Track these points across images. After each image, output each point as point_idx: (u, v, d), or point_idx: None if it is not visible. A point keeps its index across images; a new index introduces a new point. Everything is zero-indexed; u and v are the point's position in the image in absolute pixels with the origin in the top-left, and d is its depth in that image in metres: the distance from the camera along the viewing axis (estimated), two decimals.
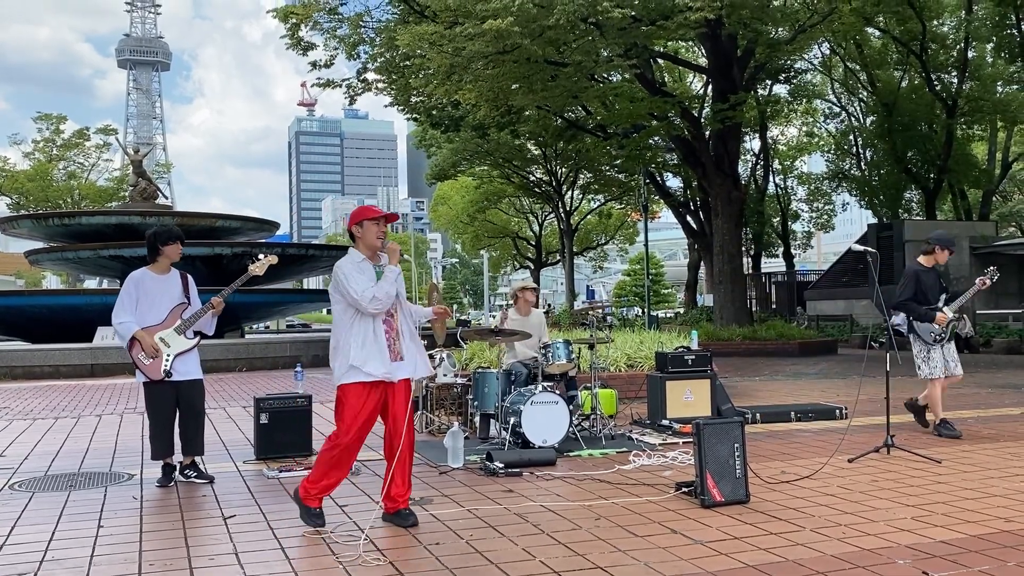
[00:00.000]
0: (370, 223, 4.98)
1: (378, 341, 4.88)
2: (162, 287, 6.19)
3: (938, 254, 8.22)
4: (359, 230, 5.01)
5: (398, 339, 5.01)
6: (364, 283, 4.84)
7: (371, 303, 4.81)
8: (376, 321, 4.91)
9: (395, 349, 4.97)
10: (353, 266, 4.93)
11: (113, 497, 5.87)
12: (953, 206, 36.49)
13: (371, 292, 4.81)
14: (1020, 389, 12.24)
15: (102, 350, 17.45)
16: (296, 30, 24.66)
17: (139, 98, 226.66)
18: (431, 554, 4.38)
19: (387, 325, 4.98)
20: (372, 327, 4.90)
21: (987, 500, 5.33)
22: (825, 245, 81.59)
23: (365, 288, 4.82)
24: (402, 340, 5.03)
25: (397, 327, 5.03)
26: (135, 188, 25.71)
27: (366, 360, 4.83)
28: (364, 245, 5.00)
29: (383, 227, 5.01)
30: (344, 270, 4.89)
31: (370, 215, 5.00)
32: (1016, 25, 28.82)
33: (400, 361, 4.98)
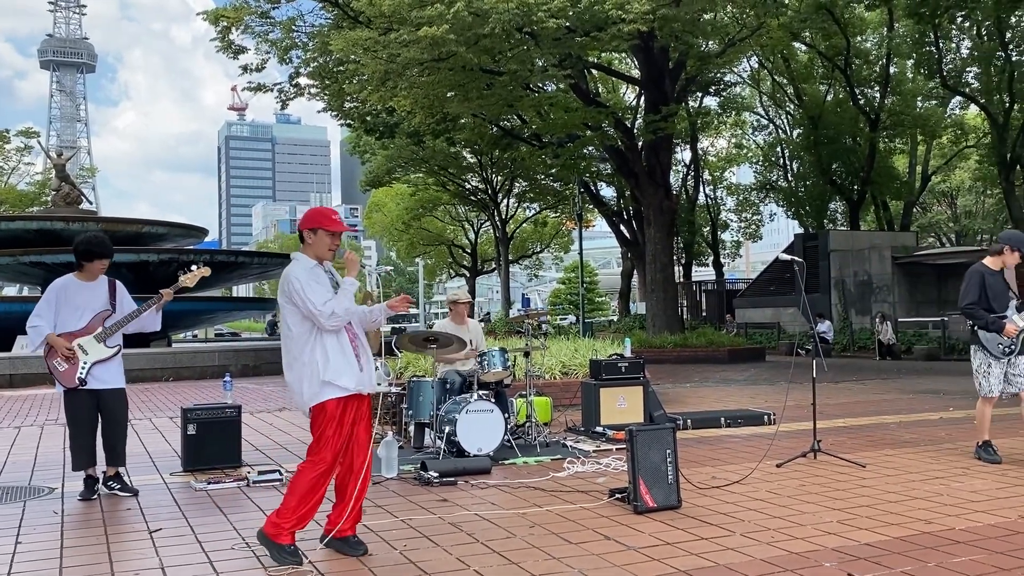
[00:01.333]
0: (325, 234, 4.55)
1: (347, 353, 4.52)
2: (87, 294, 6.02)
3: (1007, 256, 7.34)
4: (312, 237, 4.56)
5: (362, 350, 4.67)
6: (322, 294, 4.43)
7: (330, 319, 4.41)
8: (341, 331, 4.54)
9: (361, 360, 4.62)
10: (307, 273, 4.49)
11: (32, 512, 5.67)
12: (876, 217, 37.62)
13: (331, 306, 4.41)
14: (939, 395, 12.65)
15: (21, 359, 16.87)
16: (227, 33, 24.27)
17: (62, 100, 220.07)
18: (364, 565, 4.33)
19: (350, 334, 4.61)
20: (337, 338, 4.52)
21: (909, 503, 5.49)
22: (753, 254, 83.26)
23: (325, 301, 4.40)
24: (364, 350, 4.70)
25: (359, 336, 4.69)
26: (58, 193, 24.95)
27: (339, 373, 4.46)
28: (313, 253, 4.57)
29: (337, 241, 4.62)
30: (300, 278, 4.43)
31: (329, 227, 4.56)
32: (934, 43, 29.91)
33: (364, 373, 4.62)
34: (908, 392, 13.07)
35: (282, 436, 9.03)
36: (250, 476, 6.46)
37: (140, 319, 6.08)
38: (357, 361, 4.58)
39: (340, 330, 4.53)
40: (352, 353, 4.56)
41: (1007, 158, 30.08)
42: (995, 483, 6.05)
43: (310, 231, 4.57)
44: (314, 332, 4.48)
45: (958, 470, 6.55)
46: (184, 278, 6.16)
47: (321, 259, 4.59)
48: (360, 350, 4.64)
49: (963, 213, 48.71)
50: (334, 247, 4.62)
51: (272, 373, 19.50)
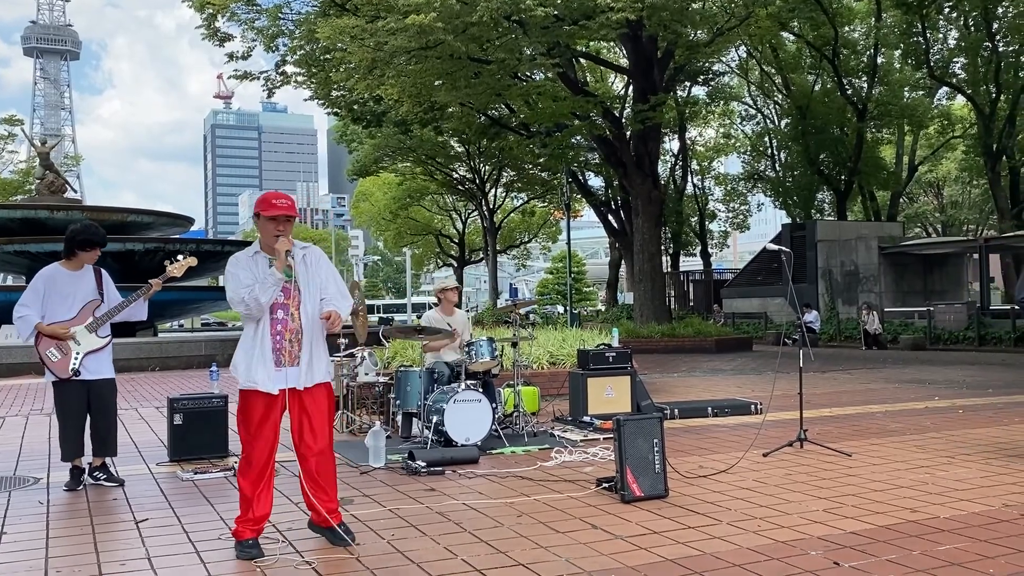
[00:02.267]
0: (265, 220, 4.38)
1: (262, 344, 4.33)
2: (75, 283, 5.97)
3: None
4: (256, 221, 4.46)
5: (296, 342, 4.40)
6: (240, 282, 4.32)
7: (239, 305, 4.31)
8: (261, 322, 4.36)
9: (289, 353, 4.37)
10: (242, 260, 4.41)
11: (17, 502, 5.64)
12: (863, 207, 37.78)
13: (242, 293, 4.28)
14: (925, 384, 12.73)
15: (6, 349, 16.76)
16: (213, 20, 24.10)
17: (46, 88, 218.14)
18: (351, 555, 4.32)
19: (276, 326, 4.38)
20: (256, 329, 4.37)
21: (895, 492, 5.52)
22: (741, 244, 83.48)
23: (237, 288, 4.30)
24: (302, 343, 4.41)
25: (297, 327, 4.41)
26: (42, 181, 24.73)
27: (240, 365, 4.36)
28: (262, 240, 4.46)
29: (281, 225, 4.37)
30: (231, 264, 4.40)
31: (265, 211, 4.38)
32: (921, 33, 30.01)
33: (295, 367, 4.38)
34: (894, 382, 13.14)
35: None
36: (236, 466, 6.43)
37: (128, 308, 6.04)
38: (281, 354, 4.35)
39: (261, 321, 4.36)
40: (270, 346, 4.34)
41: (993, 149, 30.26)
42: (979, 472, 6.09)
43: (255, 217, 4.46)
44: (245, 319, 4.42)
45: (943, 459, 6.60)
46: (171, 268, 6.11)
47: (271, 246, 4.39)
48: (294, 343, 4.39)
49: (949, 203, 48.96)
50: (278, 232, 4.36)
51: None
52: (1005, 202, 31.32)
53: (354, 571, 4.07)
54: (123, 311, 6.01)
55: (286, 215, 4.39)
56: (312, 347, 4.43)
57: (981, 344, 21.99)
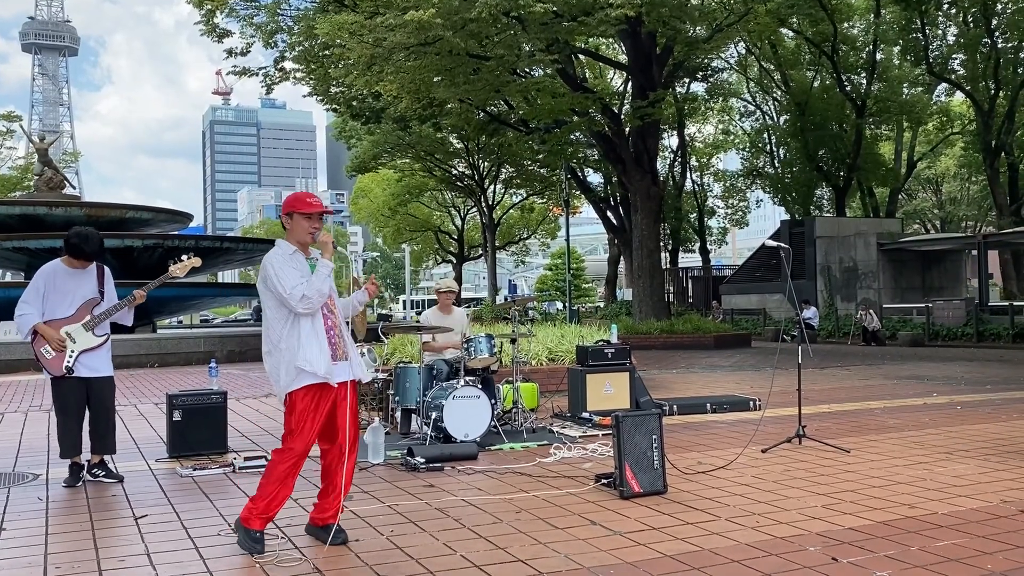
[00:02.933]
0: (301, 217, 4.50)
1: (320, 339, 4.44)
2: (75, 281, 5.97)
3: None
4: (288, 221, 4.55)
5: (341, 337, 4.59)
6: (295, 278, 4.39)
7: (301, 302, 4.35)
8: (316, 318, 4.46)
9: (339, 348, 4.54)
10: (283, 259, 4.45)
11: (16, 498, 5.64)
12: (862, 203, 37.80)
13: (301, 290, 4.35)
14: (923, 380, 12.74)
15: (5, 345, 16.75)
16: (211, 16, 24.09)
17: (45, 84, 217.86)
18: (351, 551, 4.33)
19: (328, 322, 4.53)
20: (312, 324, 4.44)
21: (893, 488, 5.53)
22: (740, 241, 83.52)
23: (296, 284, 4.35)
24: (344, 339, 4.62)
25: (339, 325, 4.61)
26: (40, 177, 24.70)
27: (311, 360, 4.38)
28: (294, 238, 4.54)
29: (316, 223, 4.51)
30: (274, 264, 4.40)
31: (302, 209, 4.51)
32: (921, 30, 30.00)
33: (345, 361, 4.55)
34: (892, 378, 13.15)
35: (268, 422, 9.02)
36: (236, 462, 6.45)
37: (118, 313, 6.04)
38: (333, 350, 4.49)
39: (315, 317, 4.45)
40: (326, 341, 4.47)
41: (992, 145, 30.26)
42: (977, 468, 6.10)
43: (287, 216, 4.55)
44: (290, 318, 4.42)
45: (941, 455, 6.61)
46: (174, 268, 6.11)
47: (303, 244, 4.53)
48: (338, 339, 4.56)
49: (948, 200, 48.99)
50: (313, 229, 4.51)
51: (258, 359, 19.44)
52: (1004, 198, 31.34)
53: (353, 567, 4.08)
54: (110, 317, 6.01)
55: (321, 212, 4.54)
56: (349, 343, 4.67)
57: (979, 340, 22.01)
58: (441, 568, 4.02)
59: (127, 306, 6.02)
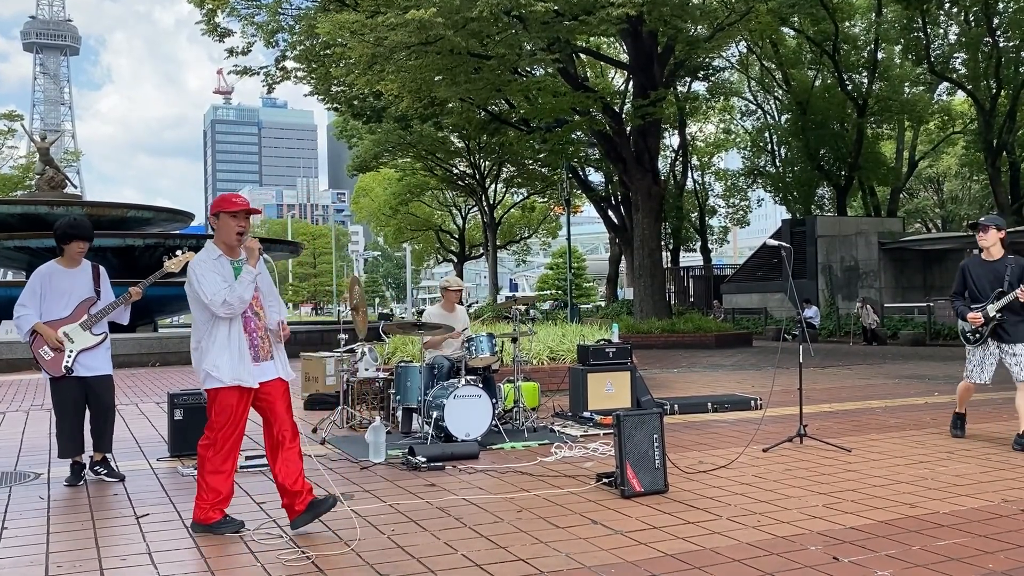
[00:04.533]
0: (227, 216, 4.56)
1: (238, 343, 4.54)
2: (71, 281, 5.96)
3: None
4: (216, 222, 4.60)
5: (266, 338, 4.70)
6: (217, 284, 4.48)
7: (222, 307, 4.46)
8: (234, 323, 4.56)
9: (263, 348, 4.67)
10: (207, 264, 4.54)
11: (18, 497, 5.64)
12: (863, 202, 37.76)
13: (222, 295, 4.45)
14: (925, 380, 12.74)
15: (6, 344, 16.77)
16: (213, 15, 24.10)
17: (46, 83, 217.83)
18: (352, 550, 4.33)
19: (250, 323, 4.62)
20: (229, 331, 4.55)
21: (894, 487, 5.53)
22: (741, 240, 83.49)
23: (217, 290, 4.46)
24: (269, 339, 4.72)
25: (261, 326, 4.69)
26: (42, 177, 24.73)
27: (223, 365, 4.51)
28: (220, 240, 4.61)
29: (243, 222, 4.58)
30: (197, 270, 4.51)
31: (227, 208, 4.56)
32: (922, 28, 29.96)
33: (269, 361, 4.69)
34: (894, 377, 13.15)
35: None
36: (237, 461, 6.44)
37: (112, 312, 6.05)
38: (255, 352, 4.63)
39: (234, 322, 4.56)
40: (247, 344, 4.59)
41: (993, 144, 30.23)
42: (979, 467, 6.10)
43: (215, 217, 4.61)
44: (211, 322, 4.56)
45: (943, 454, 6.61)
46: (169, 263, 6.10)
47: (230, 246, 4.62)
48: (262, 340, 4.68)
49: (949, 199, 48.95)
50: (240, 228, 4.59)
51: None
52: (1005, 197, 31.30)
53: (354, 566, 4.08)
54: (107, 315, 6.02)
55: (247, 210, 4.60)
56: (275, 343, 4.77)
57: None
58: (442, 567, 4.02)
59: (123, 303, 6.03)
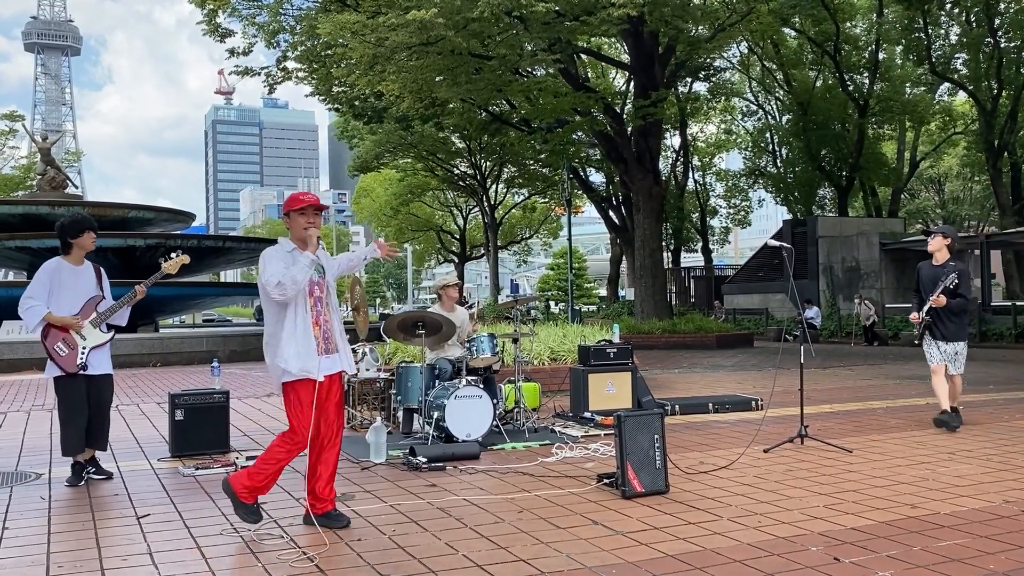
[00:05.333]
0: (296, 215, 4.74)
1: (305, 335, 4.62)
2: (78, 279, 6.01)
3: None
4: (288, 221, 4.80)
5: (332, 332, 4.80)
6: (278, 269, 4.58)
7: (276, 288, 4.53)
8: (299, 313, 4.64)
9: (329, 341, 4.76)
10: (276, 254, 4.69)
11: (19, 497, 5.64)
12: (864, 203, 37.75)
13: (277, 277, 4.53)
14: (926, 380, 12.70)
15: (8, 344, 16.76)
16: (214, 16, 24.11)
17: (47, 83, 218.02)
18: (352, 550, 4.33)
19: (320, 316, 4.74)
20: (295, 322, 4.63)
21: (895, 487, 5.52)
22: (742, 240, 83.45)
23: (274, 272, 4.56)
24: (335, 333, 4.81)
25: (330, 319, 4.81)
26: (43, 177, 24.77)
27: (290, 357, 4.59)
28: (293, 236, 4.79)
29: (311, 218, 4.74)
30: (264, 257, 4.66)
31: (294, 206, 4.74)
32: (923, 29, 29.95)
33: (335, 354, 4.79)
34: (895, 378, 13.14)
35: (270, 421, 9.02)
36: (238, 461, 6.45)
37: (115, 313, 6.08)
38: (322, 343, 4.70)
39: (299, 314, 4.65)
40: (312, 336, 4.66)
41: (994, 144, 30.21)
42: (980, 468, 6.10)
43: (286, 216, 4.83)
44: (279, 315, 4.66)
45: (944, 455, 6.60)
46: (165, 266, 6.13)
47: (302, 241, 4.72)
48: (330, 333, 4.78)
49: (950, 199, 48.92)
50: (309, 224, 4.73)
51: (259, 359, 19.46)
52: (1006, 198, 31.29)
53: (355, 566, 4.08)
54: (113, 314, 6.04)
55: (314, 206, 4.76)
56: (342, 337, 4.88)
57: (982, 340, 21.97)
58: (443, 567, 4.02)
59: (127, 303, 6.05)
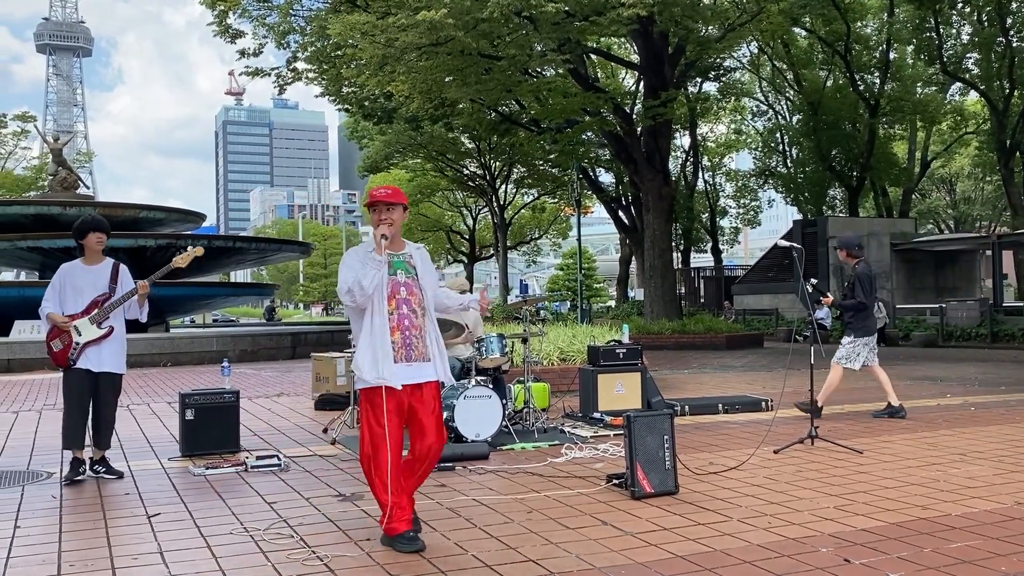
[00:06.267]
0: (372, 212, 4.45)
1: (381, 341, 4.27)
2: (89, 278, 6.10)
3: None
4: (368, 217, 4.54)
5: (421, 337, 4.40)
6: (353, 272, 4.30)
7: (346, 295, 4.30)
8: (376, 317, 4.30)
9: (413, 348, 4.36)
10: (354, 256, 4.41)
11: (31, 496, 5.67)
12: (875, 203, 37.61)
13: (346, 285, 4.28)
14: (937, 381, 12.67)
15: (20, 344, 16.86)
16: (224, 17, 24.18)
17: (59, 84, 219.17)
18: (362, 550, 4.33)
19: (403, 321, 4.36)
20: (372, 327, 4.30)
21: (906, 489, 5.50)
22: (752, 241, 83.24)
23: (345, 278, 4.30)
24: (425, 340, 4.43)
25: (419, 324, 4.41)
26: (55, 177, 24.90)
27: (364, 364, 4.29)
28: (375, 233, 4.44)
29: (382, 214, 4.38)
30: (343, 259, 4.43)
31: (368, 202, 4.45)
32: (935, 28, 29.81)
33: (422, 362, 4.39)
34: (906, 379, 13.08)
35: (281, 421, 9.04)
36: (248, 461, 6.47)
37: (128, 304, 6.13)
38: (408, 349, 4.35)
39: (377, 318, 4.30)
40: (389, 342, 4.30)
41: (1006, 144, 30.04)
42: (991, 469, 6.06)
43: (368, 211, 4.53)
44: (359, 319, 4.39)
45: (955, 456, 6.57)
46: (177, 258, 6.18)
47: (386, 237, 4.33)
48: (419, 339, 4.40)
49: (962, 199, 48.71)
50: (379, 220, 4.39)
51: (270, 359, 19.51)
52: (1018, 198, 31.10)
53: (365, 566, 4.08)
54: (120, 306, 6.10)
55: (384, 202, 4.39)
56: (438, 344, 4.50)
57: (994, 341, 21.86)
58: (452, 568, 4.02)
59: (131, 297, 6.10)
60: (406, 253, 4.51)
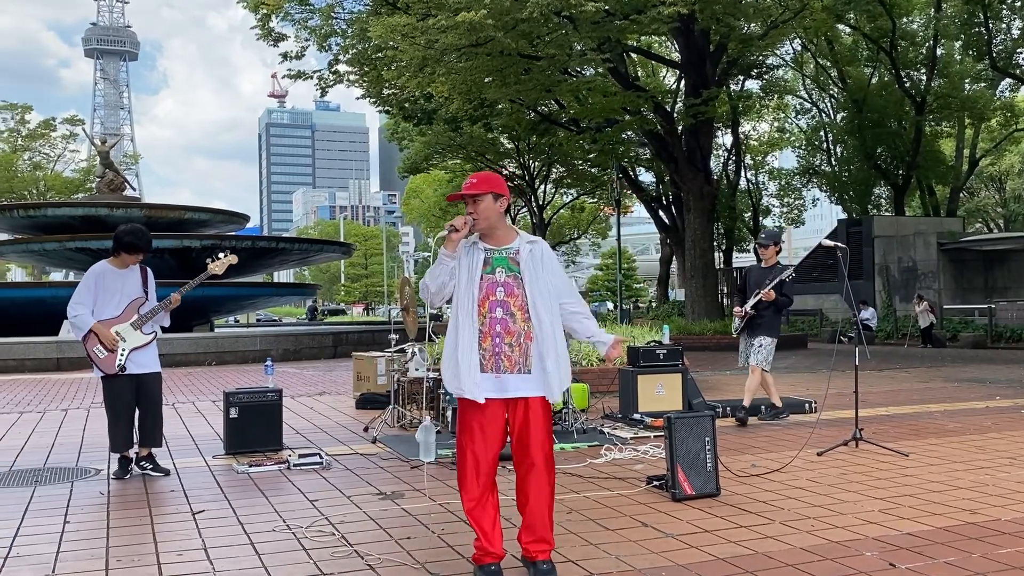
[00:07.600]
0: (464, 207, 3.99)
1: (460, 352, 3.80)
2: (121, 281, 6.17)
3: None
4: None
5: (518, 346, 3.82)
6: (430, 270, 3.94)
7: (422, 293, 3.96)
8: (463, 322, 3.81)
9: (509, 358, 3.80)
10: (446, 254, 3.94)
11: (79, 492, 5.79)
12: (921, 202, 36.96)
13: (423, 281, 3.93)
14: (985, 384, 12.41)
15: (68, 343, 17.21)
16: (267, 20, 24.45)
17: (106, 88, 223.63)
18: (402, 548, 4.36)
19: (495, 326, 3.82)
20: (457, 334, 3.84)
21: (953, 493, 5.40)
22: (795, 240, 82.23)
23: (424, 277, 3.96)
24: (529, 348, 3.84)
25: (518, 330, 3.82)
26: (102, 179, 25.40)
27: (447, 373, 3.89)
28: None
29: (470, 207, 3.90)
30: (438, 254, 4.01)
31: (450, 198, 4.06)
32: (984, 23, 29.19)
33: (517, 374, 3.81)
34: (953, 381, 12.84)
35: (322, 420, 9.13)
36: (291, 459, 6.54)
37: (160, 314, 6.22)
38: (497, 358, 3.81)
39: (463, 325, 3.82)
40: (474, 351, 3.80)
41: None
42: None
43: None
44: (454, 323, 3.91)
45: (1004, 460, 6.43)
46: (212, 266, 6.27)
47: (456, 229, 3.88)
48: (509, 349, 3.82)
49: (1012, 197, 47.65)
50: (468, 214, 3.91)
51: (312, 358, 19.71)
52: None
53: (404, 564, 4.11)
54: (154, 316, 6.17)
55: (469, 194, 3.91)
56: (544, 354, 3.84)
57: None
58: None
59: (165, 308, 6.19)
60: (511, 248, 3.92)
